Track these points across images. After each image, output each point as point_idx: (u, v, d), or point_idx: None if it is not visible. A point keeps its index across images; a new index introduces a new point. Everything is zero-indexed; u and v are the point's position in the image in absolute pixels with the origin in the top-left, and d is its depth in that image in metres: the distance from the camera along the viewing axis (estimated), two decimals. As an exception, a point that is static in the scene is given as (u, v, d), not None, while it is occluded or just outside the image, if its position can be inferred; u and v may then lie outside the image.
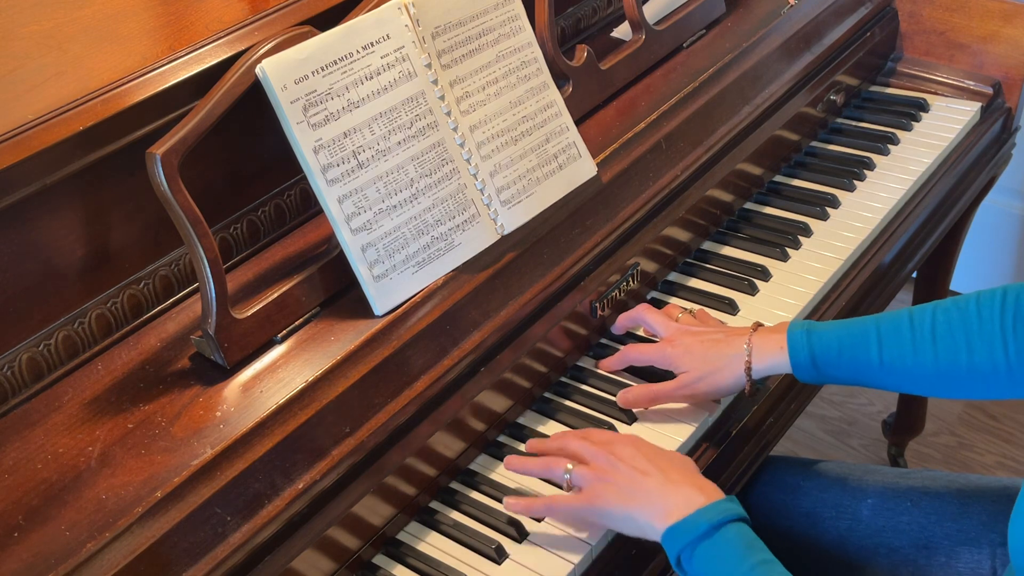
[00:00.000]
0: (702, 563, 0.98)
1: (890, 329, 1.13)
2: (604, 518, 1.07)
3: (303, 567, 0.99)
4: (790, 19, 1.59)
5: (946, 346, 1.10)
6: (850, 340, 1.14)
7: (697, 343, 1.21)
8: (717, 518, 0.99)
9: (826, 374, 1.16)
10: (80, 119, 0.98)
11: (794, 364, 1.16)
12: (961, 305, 1.11)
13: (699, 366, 1.19)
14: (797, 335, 1.16)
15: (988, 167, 1.75)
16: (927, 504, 1.24)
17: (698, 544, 0.98)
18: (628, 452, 1.07)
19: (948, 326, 1.10)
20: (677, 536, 0.99)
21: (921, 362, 1.11)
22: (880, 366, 1.13)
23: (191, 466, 0.93)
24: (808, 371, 1.16)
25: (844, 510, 1.26)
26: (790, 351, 1.16)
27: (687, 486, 1.03)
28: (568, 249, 1.24)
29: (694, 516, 0.99)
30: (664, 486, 1.03)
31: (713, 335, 1.21)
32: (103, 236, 1.05)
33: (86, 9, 1.19)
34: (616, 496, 1.04)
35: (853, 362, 1.14)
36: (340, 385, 1.03)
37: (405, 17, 1.13)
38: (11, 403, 1.00)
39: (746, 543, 0.98)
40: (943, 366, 1.10)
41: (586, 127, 1.33)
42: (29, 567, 0.86)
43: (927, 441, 2.33)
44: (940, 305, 1.13)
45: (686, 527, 0.99)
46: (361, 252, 1.08)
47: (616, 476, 1.05)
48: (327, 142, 1.06)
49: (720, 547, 0.98)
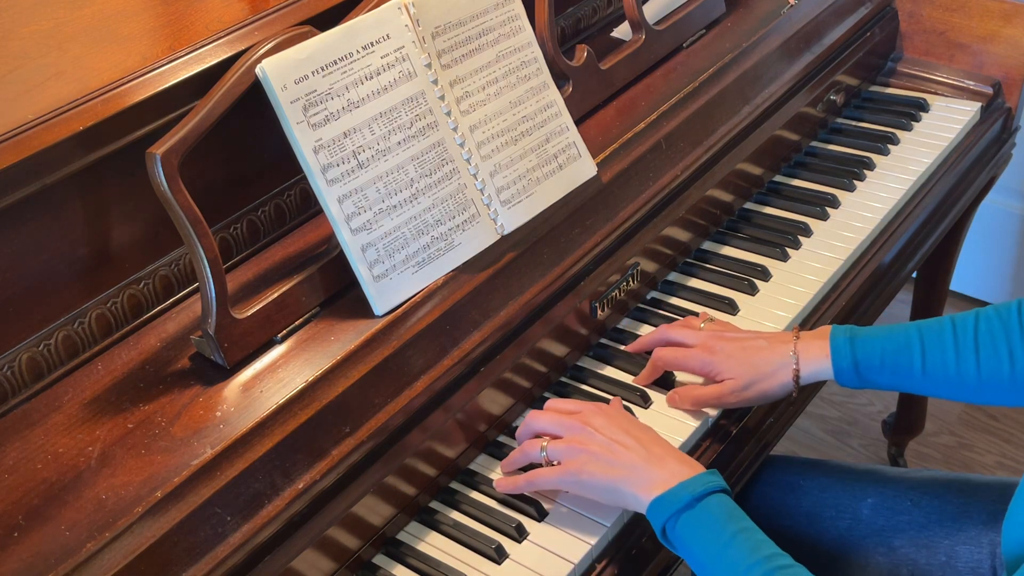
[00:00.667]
0: (685, 532, 1.01)
1: (933, 337, 1.14)
2: (585, 488, 1.08)
3: (303, 567, 0.99)
4: (790, 19, 1.59)
5: (988, 355, 1.11)
6: (893, 347, 1.15)
7: (740, 349, 1.20)
8: (700, 489, 1.01)
9: (868, 380, 1.17)
10: (80, 119, 0.98)
11: (836, 371, 1.17)
12: (1003, 313, 1.12)
13: (745, 372, 1.19)
14: (840, 342, 1.17)
15: (988, 167, 1.75)
16: (927, 504, 1.24)
17: (681, 514, 1.01)
18: (600, 421, 1.10)
19: (990, 335, 1.12)
20: (662, 507, 1.02)
21: (964, 371, 1.13)
22: (923, 374, 1.14)
23: (191, 466, 0.93)
24: (850, 377, 1.17)
25: (844, 509, 1.26)
26: (833, 357, 1.17)
27: (671, 460, 1.06)
28: (568, 249, 1.24)
29: (677, 488, 1.02)
30: (648, 460, 1.05)
31: (755, 341, 1.21)
32: (103, 236, 1.05)
33: (86, 9, 1.19)
34: (597, 466, 1.07)
35: (896, 369, 1.15)
36: (340, 385, 1.03)
37: (405, 17, 1.13)
38: (11, 403, 1.00)
39: (727, 513, 1.01)
40: (985, 375, 1.12)
41: (586, 127, 1.33)
42: (29, 567, 0.86)
43: (927, 441, 2.33)
44: (982, 313, 1.14)
45: (670, 499, 1.02)
46: (361, 252, 1.08)
47: (593, 446, 1.08)
48: (327, 142, 1.06)
49: (702, 517, 1.01)
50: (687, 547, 1.02)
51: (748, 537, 0.99)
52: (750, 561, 0.97)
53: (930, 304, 2.02)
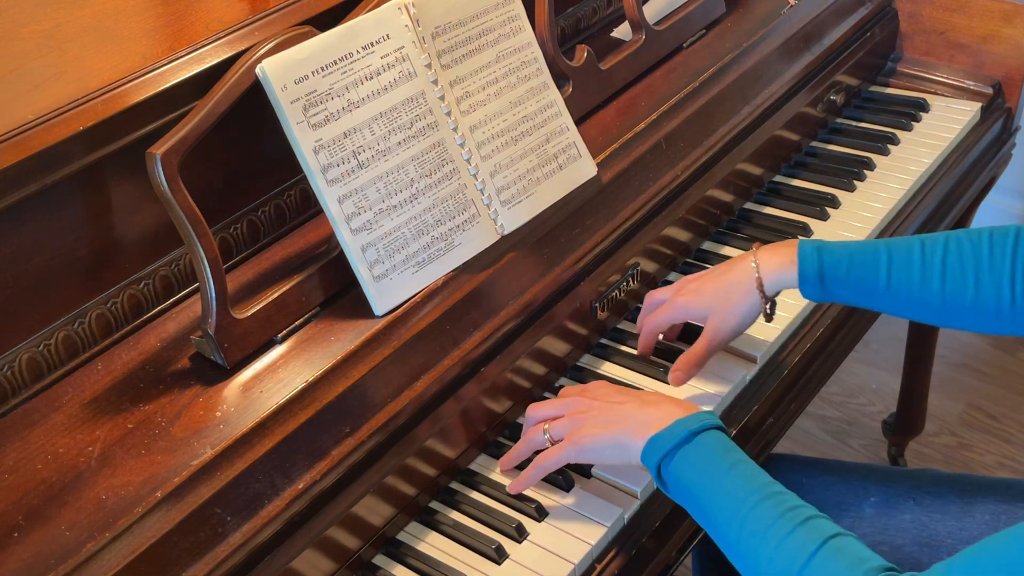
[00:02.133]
0: (681, 469, 1.00)
1: (900, 254, 1.14)
2: (588, 452, 1.08)
3: (303, 567, 0.99)
4: (790, 19, 1.59)
5: (954, 277, 1.11)
6: (860, 259, 1.15)
7: (706, 281, 1.21)
8: (696, 425, 1.01)
9: (831, 291, 1.16)
10: (80, 119, 0.98)
11: (802, 277, 1.16)
12: (974, 239, 1.12)
13: (716, 303, 1.19)
14: (807, 250, 1.17)
15: (988, 167, 1.75)
16: (929, 503, 1.24)
17: (677, 451, 1.00)
18: (600, 391, 1.11)
19: (959, 258, 1.11)
20: (657, 445, 1.02)
21: (927, 290, 1.12)
22: (887, 289, 1.14)
23: (191, 466, 0.93)
24: (815, 286, 1.16)
25: (847, 508, 1.26)
26: (799, 264, 1.16)
27: (666, 403, 1.06)
28: (568, 249, 1.24)
29: (673, 426, 1.02)
30: (643, 406, 1.06)
31: (718, 267, 1.22)
32: (103, 236, 1.05)
33: (86, 9, 1.19)
34: (596, 426, 1.07)
35: (860, 282, 1.15)
36: (340, 385, 1.03)
37: (405, 17, 1.13)
38: (11, 403, 1.00)
39: (725, 447, 1.01)
40: (948, 296, 1.11)
41: (586, 127, 1.33)
42: (29, 567, 0.86)
43: (927, 441, 2.33)
44: (953, 236, 1.13)
45: (666, 435, 1.02)
46: (361, 252, 1.08)
47: (591, 411, 1.09)
48: (327, 142, 1.06)
49: (699, 451, 1.00)
50: (683, 485, 1.01)
51: (745, 468, 0.99)
52: (745, 490, 0.97)
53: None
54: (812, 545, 0.91)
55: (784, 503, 0.96)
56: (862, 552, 0.91)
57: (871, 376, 2.49)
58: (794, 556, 0.92)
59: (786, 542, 0.93)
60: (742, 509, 0.96)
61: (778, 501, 0.96)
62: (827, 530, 0.93)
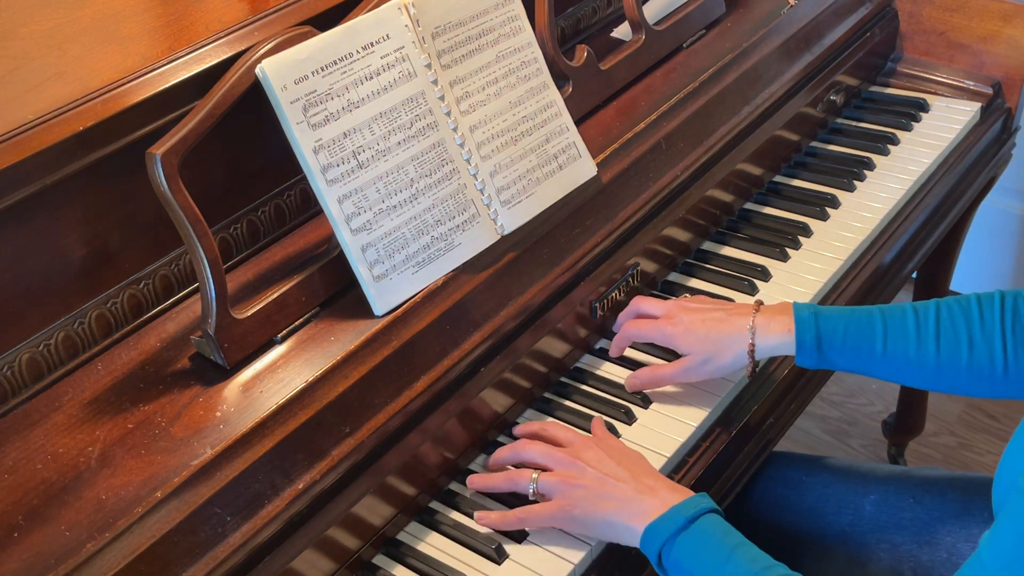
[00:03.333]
0: (682, 554, 1.00)
1: (895, 320, 1.15)
2: (578, 524, 1.07)
3: (303, 567, 0.99)
4: (790, 19, 1.59)
5: (948, 341, 1.12)
6: (855, 326, 1.15)
7: (698, 322, 1.20)
8: (692, 511, 1.01)
9: (828, 358, 1.17)
10: (80, 119, 0.98)
11: (799, 345, 1.16)
12: (963, 303, 1.14)
13: (701, 347, 1.19)
14: (804, 316, 1.16)
15: (988, 167, 1.75)
16: (929, 501, 1.24)
17: (676, 537, 1.01)
18: (592, 455, 1.09)
19: (951, 322, 1.13)
20: (656, 533, 1.02)
21: (923, 355, 1.13)
22: (883, 355, 1.15)
23: (191, 466, 0.93)
24: (811, 354, 1.16)
25: (847, 505, 1.26)
26: (797, 332, 1.16)
27: (662, 489, 1.05)
28: (568, 249, 1.24)
29: (670, 512, 1.02)
30: (640, 492, 1.05)
31: (714, 313, 1.21)
32: (103, 236, 1.05)
33: (86, 9, 1.19)
34: (589, 502, 1.06)
35: (856, 349, 1.15)
36: (340, 385, 1.03)
37: (405, 17, 1.13)
38: (11, 403, 1.00)
39: (722, 531, 1.01)
40: (944, 361, 1.13)
41: (586, 127, 1.33)
42: (29, 567, 0.86)
43: (927, 441, 2.33)
44: (944, 302, 1.15)
45: (664, 523, 1.01)
46: (361, 252, 1.08)
47: (585, 480, 1.07)
48: (327, 142, 1.06)
49: (698, 537, 1.00)
50: (685, 570, 1.00)
51: (746, 551, 0.99)
52: (751, 572, 0.97)
53: (930, 304, 2.02)
54: None
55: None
56: None
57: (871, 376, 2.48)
58: None
59: None
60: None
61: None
62: None
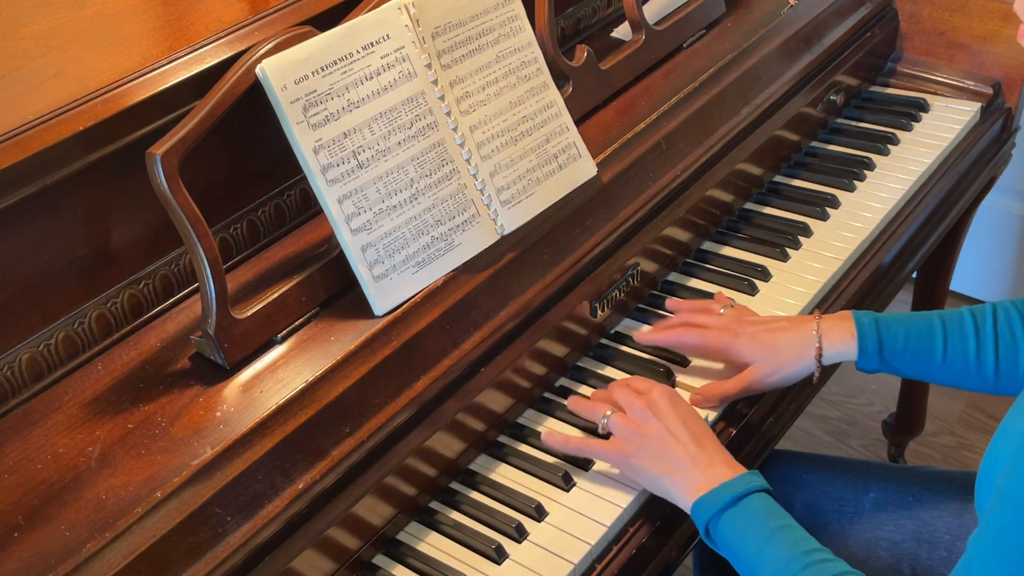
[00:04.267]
0: (727, 530, 1.04)
1: (954, 326, 1.17)
2: (632, 472, 1.12)
3: (303, 567, 0.99)
4: (790, 19, 1.59)
5: (1007, 344, 1.15)
6: (916, 333, 1.17)
7: (763, 331, 1.21)
8: (740, 489, 1.04)
9: (889, 363, 1.19)
10: (80, 119, 0.98)
11: (861, 351, 1.19)
12: (1019, 306, 1.16)
13: (769, 356, 1.20)
14: (866, 323, 1.19)
15: (988, 167, 1.75)
16: (928, 499, 1.24)
17: (723, 513, 1.04)
18: (663, 406, 1.12)
19: (1008, 325, 1.15)
20: (705, 507, 1.05)
21: (983, 361, 1.15)
22: (943, 362, 1.17)
23: (191, 466, 0.93)
24: (872, 359, 1.19)
25: (846, 503, 1.27)
26: (859, 338, 1.18)
27: (718, 463, 1.08)
28: (568, 249, 1.24)
29: (719, 489, 1.05)
30: (696, 461, 1.08)
31: (777, 323, 1.23)
32: (103, 236, 1.05)
33: (86, 9, 1.19)
34: (647, 457, 1.10)
35: (917, 355, 1.18)
36: (340, 385, 1.03)
37: (405, 17, 1.13)
38: (11, 403, 1.00)
39: (768, 511, 1.04)
40: (1003, 365, 1.15)
41: (586, 127, 1.33)
42: (29, 567, 0.86)
43: (927, 441, 2.33)
44: (1000, 304, 1.17)
45: (712, 499, 1.04)
46: (361, 252, 1.08)
47: (649, 432, 1.10)
48: (327, 142, 1.06)
49: (743, 515, 1.03)
50: (729, 545, 1.04)
51: (788, 534, 1.01)
52: (790, 556, 0.99)
53: (930, 304, 2.02)
54: None
55: (829, 570, 0.97)
56: None
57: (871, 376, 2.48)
58: None
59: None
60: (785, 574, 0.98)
61: (822, 570, 0.98)
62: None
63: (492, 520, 1.11)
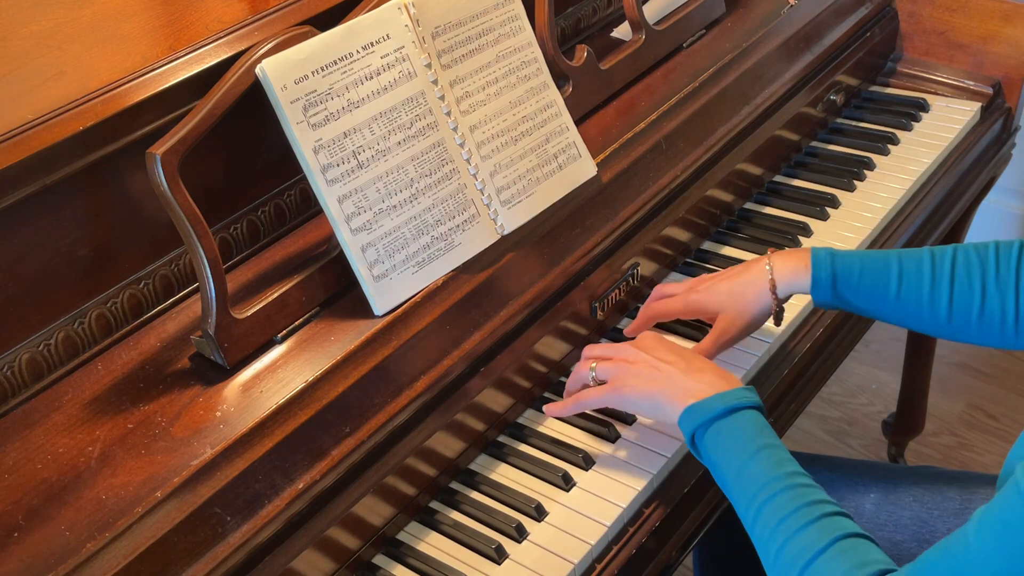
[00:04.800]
0: (713, 442, 1.03)
1: (911, 264, 1.16)
2: (627, 402, 1.12)
3: (303, 567, 0.99)
4: (790, 19, 1.59)
5: (962, 289, 1.13)
6: (872, 267, 1.17)
7: (718, 280, 1.23)
8: (733, 402, 1.03)
9: (842, 297, 1.18)
10: (80, 119, 0.98)
11: (814, 281, 1.18)
12: (981, 252, 1.14)
13: (730, 301, 1.20)
14: (821, 254, 1.19)
15: (988, 167, 1.75)
16: (929, 499, 1.24)
17: (711, 424, 1.03)
18: (650, 343, 1.13)
19: (967, 269, 1.13)
20: (695, 415, 1.04)
21: (936, 301, 1.14)
22: (896, 298, 1.16)
23: (191, 466, 0.93)
24: (826, 291, 1.18)
25: (846, 504, 1.26)
26: (813, 268, 1.18)
27: (710, 373, 1.08)
28: (568, 249, 1.24)
29: (712, 399, 1.04)
30: (688, 372, 1.08)
31: (730, 270, 1.23)
32: (103, 236, 1.05)
33: (86, 9, 1.19)
34: (639, 380, 1.10)
35: (871, 290, 1.17)
36: (340, 385, 1.03)
37: (405, 17, 1.13)
38: (11, 403, 1.00)
39: (757, 427, 1.03)
40: (956, 308, 1.13)
41: (586, 127, 1.33)
42: (29, 567, 0.86)
43: (927, 441, 2.33)
44: (962, 247, 1.15)
45: (703, 407, 1.04)
46: (361, 252, 1.08)
47: (639, 364, 1.11)
48: (327, 142, 1.06)
49: (732, 428, 1.02)
50: (712, 457, 1.03)
51: (772, 453, 1.00)
52: (772, 475, 0.98)
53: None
54: (820, 543, 0.92)
55: (804, 496, 0.96)
56: (869, 555, 0.91)
57: (871, 376, 2.49)
58: (800, 552, 0.92)
59: (796, 537, 0.93)
60: (760, 495, 0.98)
61: (799, 494, 0.97)
62: (839, 529, 0.93)
63: (492, 520, 1.11)
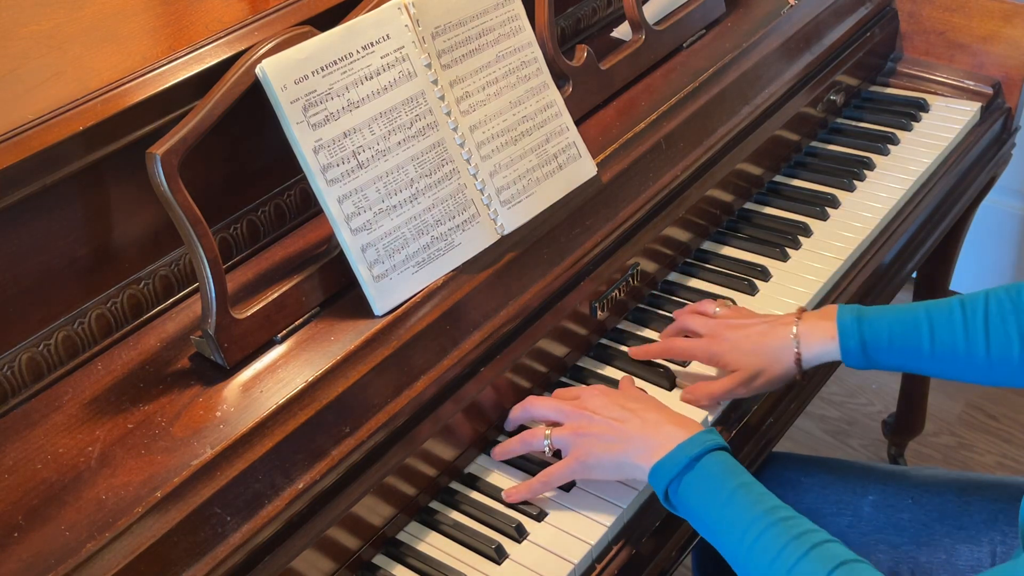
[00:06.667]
0: (687, 494, 1.02)
1: (941, 317, 1.14)
2: (594, 470, 1.10)
3: (303, 567, 0.99)
4: (790, 19, 1.59)
5: (998, 335, 1.11)
6: (901, 327, 1.15)
7: (743, 338, 1.20)
8: (697, 450, 1.02)
9: (875, 360, 1.17)
10: (80, 119, 0.98)
11: (844, 351, 1.16)
12: (1013, 294, 1.12)
13: (751, 362, 1.19)
14: (847, 322, 1.16)
15: (988, 167, 1.75)
16: (928, 501, 1.24)
17: (682, 477, 1.02)
18: (599, 402, 1.11)
19: (1000, 316, 1.12)
20: (662, 473, 1.03)
21: (973, 352, 1.12)
22: (931, 354, 1.14)
23: (191, 466, 0.93)
24: (857, 358, 1.16)
25: (845, 506, 1.26)
26: (840, 338, 1.16)
27: (667, 424, 1.07)
28: (568, 249, 1.24)
29: (675, 452, 1.03)
30: (644, 428, 1.07)
31: (757, 327, 1.21)
32: (103, 236, 1.05)
33: (86, 9, 1.19)
34: (600, 447, 1.08)
35: (903, 350, 1.15)
36: (340, 385, 1.03)
37: (405, 17, 1.13)
38: (11, 403, 1.00)
39: (726, 469, 1.02)
40: (995, 356, 1.12)
41: (586, 127, 1.33)
42: (29, 567, 0.86)
43: (927, 441, 2.33)
44: (993, 292, 1.14)
45: (669, 463, 1.03)
46: (361, 252, 1.08)
47: (593, 428, 1.09)
48: (327, 142, 1.06)
49: (702, 477, 1.01)
50: (690, 509, 1.02)
51: (748, 491, 1.00)
52: (752, 515, 0.98)
53: (930, 304, 2.02)
54: (820, 573, 0.92)
55: (793, 529, 0.96)
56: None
57: (871, 376, 2.49)
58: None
59: (795, 571, 0.93)
60: (748, 535, 0.97)
61: (787, 527, 0.96)
62: (836, 557, 0.93)
63: (492, 520, 1.11)
